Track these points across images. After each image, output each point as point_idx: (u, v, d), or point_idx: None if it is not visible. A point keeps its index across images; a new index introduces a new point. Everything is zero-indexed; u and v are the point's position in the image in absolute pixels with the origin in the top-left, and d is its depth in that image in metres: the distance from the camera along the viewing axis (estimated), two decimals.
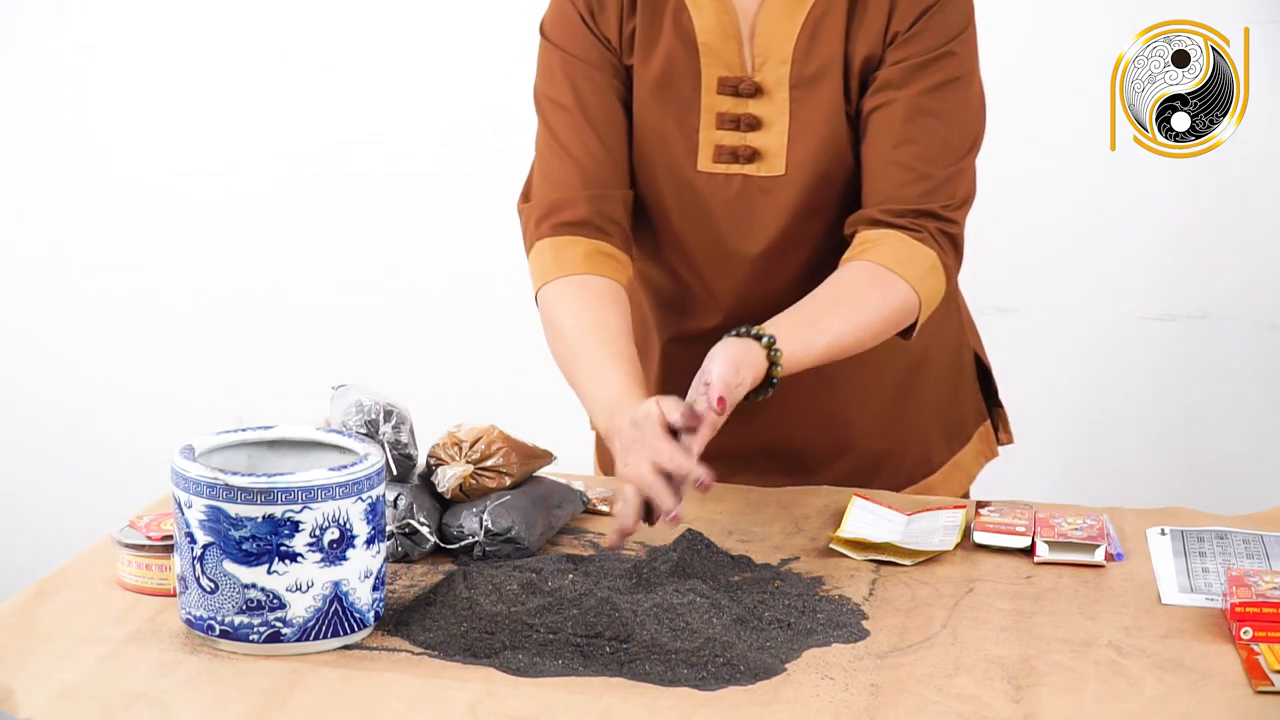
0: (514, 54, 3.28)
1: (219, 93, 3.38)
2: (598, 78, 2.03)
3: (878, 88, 1.98)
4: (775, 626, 1.68)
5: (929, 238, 1.96)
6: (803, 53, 1.99)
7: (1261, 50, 2.40)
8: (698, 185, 2.04)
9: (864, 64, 1.98)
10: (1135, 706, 1.55)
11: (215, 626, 1.62)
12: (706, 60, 2.01)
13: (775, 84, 2.00)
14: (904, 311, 1.95)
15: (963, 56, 1.99)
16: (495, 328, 3.35)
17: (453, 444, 1.88)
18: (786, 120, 2.00)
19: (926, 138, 1.97)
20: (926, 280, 1.95)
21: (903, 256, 1.94)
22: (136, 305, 3.47)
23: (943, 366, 2.19)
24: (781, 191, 2.01)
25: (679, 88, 2.02)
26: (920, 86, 1.97)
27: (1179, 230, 3.10)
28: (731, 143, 2.01)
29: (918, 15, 1.97)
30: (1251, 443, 3.12)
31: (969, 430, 2.23)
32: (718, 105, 2.01)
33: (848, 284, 1.94)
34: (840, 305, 1.92)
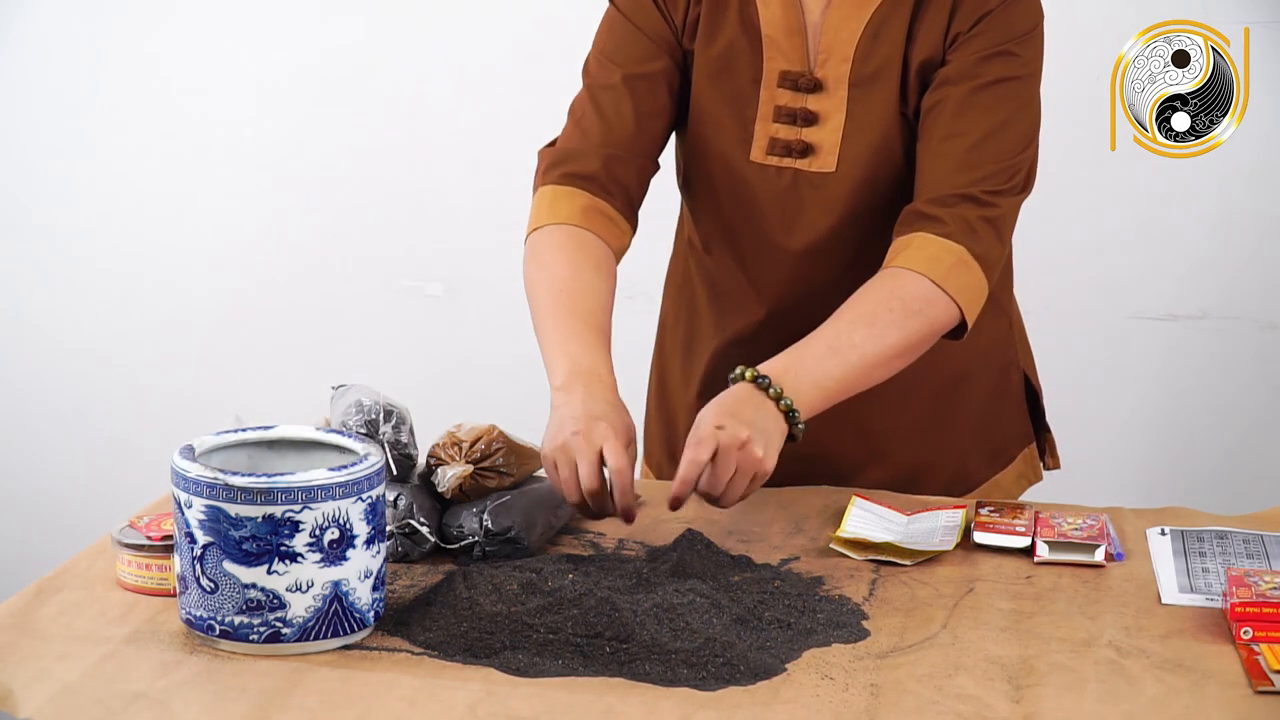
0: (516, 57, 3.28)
1: (219, 91, 3.38)
2: (652, 51, 2.04)
3: (936, 84, 1.98)
4: (775, 626, 1.68)
5: (958, 230, 1.91)
6: (864, 52, 1.99)
7: (1261, 50, 2.41)
8: (749, 176, 2.04)
9: (922, 65, 1.98)
10: (1135, 706, 1.55)
11: (215, 626, 1.62)
12: (769, 53, 2.01)
13: (835, 81, 2.00)
14: (931, 308, 1.89)
15: (1024, 59, 1.98)
16: (495, 327, 3.35)
17: (453, 444, 1.88)
18: (843, 117, 2.00)
19: (976, 131, 1.95)
20: (956, 275, 1.90)
21: (928, 255, 1.90)
22: (136, 305, 3.47)
23: (988, 383, 2.15)
24: (832, 188, 2.01)
25: (739, 78, 2.03)
26: (976, 82, 1.96)
27: (1179, 230, 3.09)
28: (786, 136, 2.02)
29: (979, 17, 1.97)
30: (1251, 443, 3.12)
31: (1012, 451, 2.19)
32: (777, 98, 2.02)
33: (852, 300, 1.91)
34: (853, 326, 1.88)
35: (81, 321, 3.50)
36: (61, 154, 3.44)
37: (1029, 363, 2.23)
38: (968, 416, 2.14)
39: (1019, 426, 2.20)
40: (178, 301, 3.46)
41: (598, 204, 2.00)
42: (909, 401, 2.11)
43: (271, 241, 3.41)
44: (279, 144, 3.37)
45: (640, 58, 2.04)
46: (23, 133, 3.45)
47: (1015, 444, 2.20)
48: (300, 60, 3.34)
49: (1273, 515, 2.00)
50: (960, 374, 2.12)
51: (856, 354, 1.86)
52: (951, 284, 1.90)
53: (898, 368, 1.91)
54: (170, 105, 3.39)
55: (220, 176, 3.40)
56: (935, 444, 2.13)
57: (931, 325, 1.91)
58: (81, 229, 3.46)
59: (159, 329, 3.47)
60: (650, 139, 2.05)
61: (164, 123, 3.40)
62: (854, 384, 1.88)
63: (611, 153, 2.02)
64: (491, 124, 3.27)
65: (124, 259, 3.45)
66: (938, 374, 2.10)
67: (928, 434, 2.13)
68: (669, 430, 2.23)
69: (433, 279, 3.38)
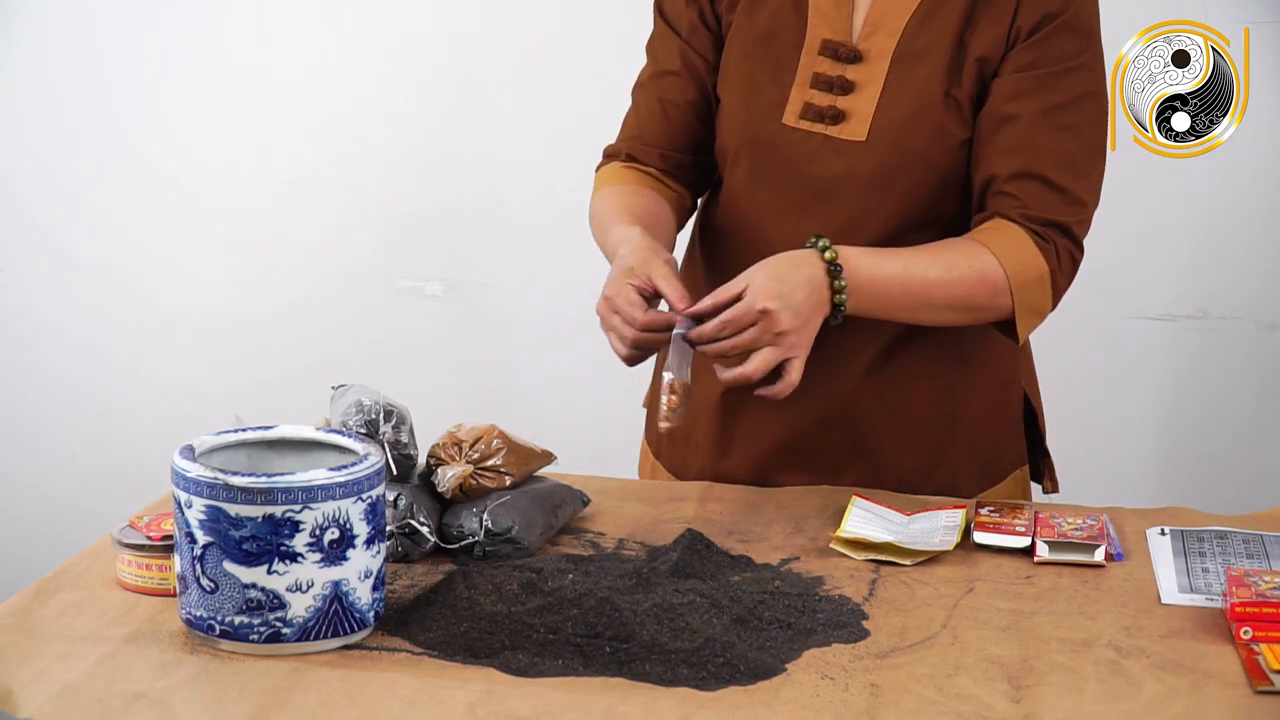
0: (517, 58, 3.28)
1: (220, 92, 3.38)
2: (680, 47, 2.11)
3: (1008, 94, 1.98)
4: (775, 626, 1.68)
5: (1054, 252, 1.97)
6: (915, 28, 2.01)
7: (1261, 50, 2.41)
8: (779, 139, 2.05)
9: (983, 55, 1.99)
10: (1135, 706, 1.55)
11: (215, 626, 1.62)
12: (815, 20, 2.04)
13: (878, 54, 2.02)
14: (991, 289, 1.95)
15: (1092, 71, 2.00)
16: (495, 328, 3.35)
17: (453, 444, 1.88)
18: (879, 88, 2.02)
19: (1059, 150, 1.97)
20: (1030, 290, 1.96)
21: (1016, 255, 1.95)
22: (136, 305, 3.47)
23: (987, 397, 2.15)
24: (860, 157, 2.02)
25: (781, 43, 2.05)
26: (1052, 100, 1.97)
27: (1179, 230, 3.09)
28: (820, 102, 2.03)
29: (1042, 19, 1.97)
30: (1251, 443, 3.12)
31: (1004, 470, 2.18)
32: (816, 65, 2.04)
33: (938, 242, 1.98)
34: (924, 250, 1.96)
35: (81, 321, 3.50)
36: (63, 153, 3.44)
37: (1031, 384, 2.23)
38: (963, 429, 2.14)
39: (1014, 446, 2.19)
40: (178, 301, 3.46)
41: (627, 165, 2.14)
42: (907, 405, 2.11)
43: (272, 242, 3.41)
44: (279, 144, 3.37)
45: (669, 53, 2.13)
46: (25, 132, 3.45)
47: (1008, 463, 2.18)
48: (301, 60, 3.34)
49: (1273, 515, 2.00)
50: (961, 389, 2.12)
51: (921, 281, 1.93)
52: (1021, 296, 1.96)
53: (941, 320, 1.98)
54: (171, 106, 3.39)
55: (220, 176, 3.40)
56: (928, 451, 2.12)
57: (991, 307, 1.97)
58: (82, 228, 3.46)
59: (159, 329, 3.47)
60: (683, 132, 2.13)
61: (165, 123, 3.40)
62: (903, 301, 1.94)
63: (637, 145, 2.13)
64: (492, 124, 3.28)
65: (124, 259, 3.45)
66: (938, 381, 2.10)
67: (922, 440, 2.12)
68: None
69: (433, 279, 3.38)
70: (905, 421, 2.11)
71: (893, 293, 1.93)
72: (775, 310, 1.84)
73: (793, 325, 1.85)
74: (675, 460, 2.21)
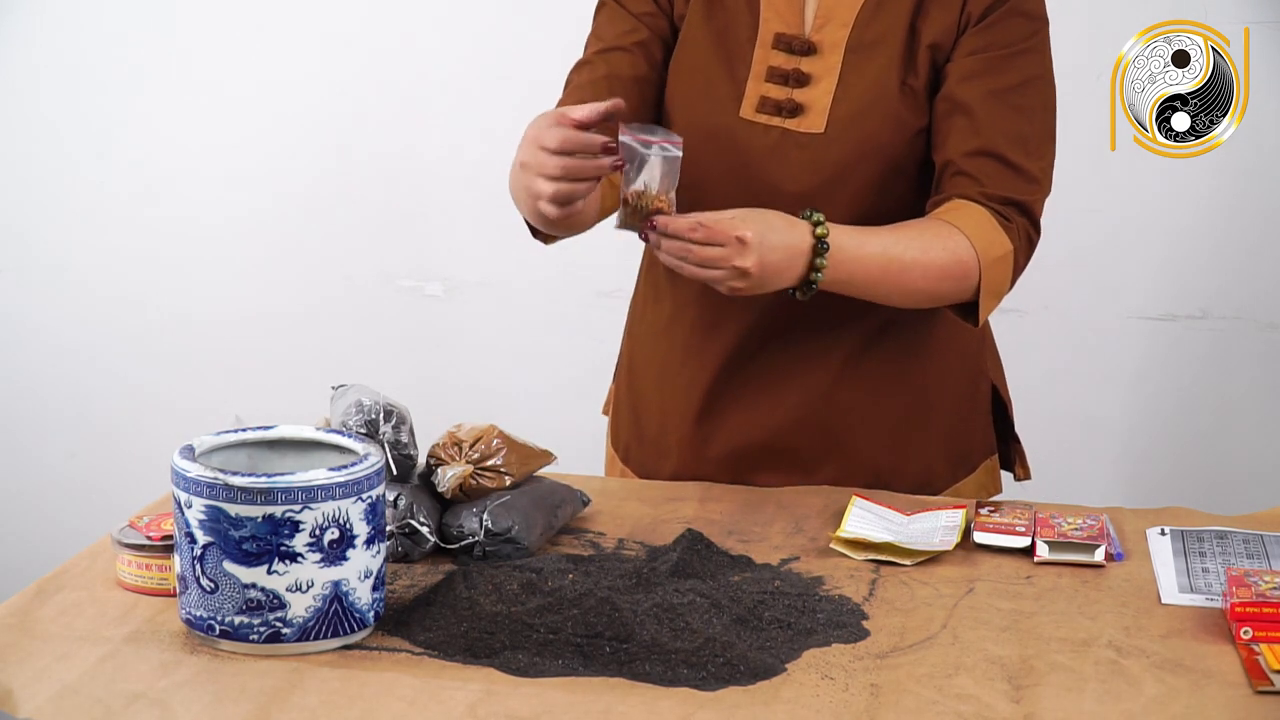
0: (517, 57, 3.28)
1: (219, 93, 3.38)
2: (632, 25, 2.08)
3: (960, 77, 2.00)
4: (775, 626, 1.68)
5: (1015, 231, 1.98)
6: (867, 18, 2.02)
7: (1261, 50, 2.41)
8: (737, 133, 2.05)
9: (934, 43, 2.00)
10: (1135, 706, 1.55)
11: (215, 626, 1.62)
12: (767, 14, 2.04)
13: (831, 45, 2.02)
14: (963, 271, 1.95)
15: (1041, 54, 2.03)
16: (495, 328, 3.35)
17: (453, 444, 1.88)
18: (835, 80, 2.02)
19: (1013, 131, 1.99)
20: (995, 269, 1.97)
21: (983, 235, 1.95)
22: (137, 305, 3.47)
23: (957, 391, 2.16)
24: (818, 149, 2.02)
25: (734, 38, 2.05)
26: (1004, 81, 1.99)
27: (1179, 230, 3.09)
28: (776, 95, 2.03)
29: (993, 3, 1.99)
30: (1251, 443, 3.12)
31: (974, 460, 2.19)
32: (770, 59, 2.04)
33: (913, 222, 1.98)
34: (901, 229, 1.96)
35: (82, 321, 3.50)
36: (63, 156, 3.44)
37: (998, 375, 2.24)
38: (936, 423, 2.15)
39: (984, 437, 2.21)
40: (178, 301, 3.46)
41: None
42: (879, 403, 2.11)
43: (271, 242, 3.41)
44: (279, 144, 3.37)
45: (620, 32, 2.09)
46: (25, 135, 3.45)
47: (979, 453, 2.20)
48: (301, 61, 3.34)
49: (1273, 515, 2.00)
50: (932, 380, 2.13)
51: (898, 262, 1.93)
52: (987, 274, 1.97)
53: (910, 302, 1.98)
54: (171, 107, 3.39)
55: (220, 177, 3.40)
56: (902, 447, 2.13)
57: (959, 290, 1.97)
58: (82, 228, 3.46)
59: (159, 329, 3.47)
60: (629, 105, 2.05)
61: (165, 123, 3.40)
62: (880, 280, 1.94)
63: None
64: (492, 124, 3.27)
65: (124, 259, 3.45)
66: (909, 378, 2.11)
67: (895, 437, 2.13)
68: (636, 415, 2.22)
69: (433, 279, 3.38)
70: (879, 418, 2.12)
71: (870, 273, 1.93)
72: (750, 245, 1.84)
73: (755, 270, 1.85)
74: (646, 465, 2.21)
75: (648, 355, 2.20)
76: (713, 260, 1.84)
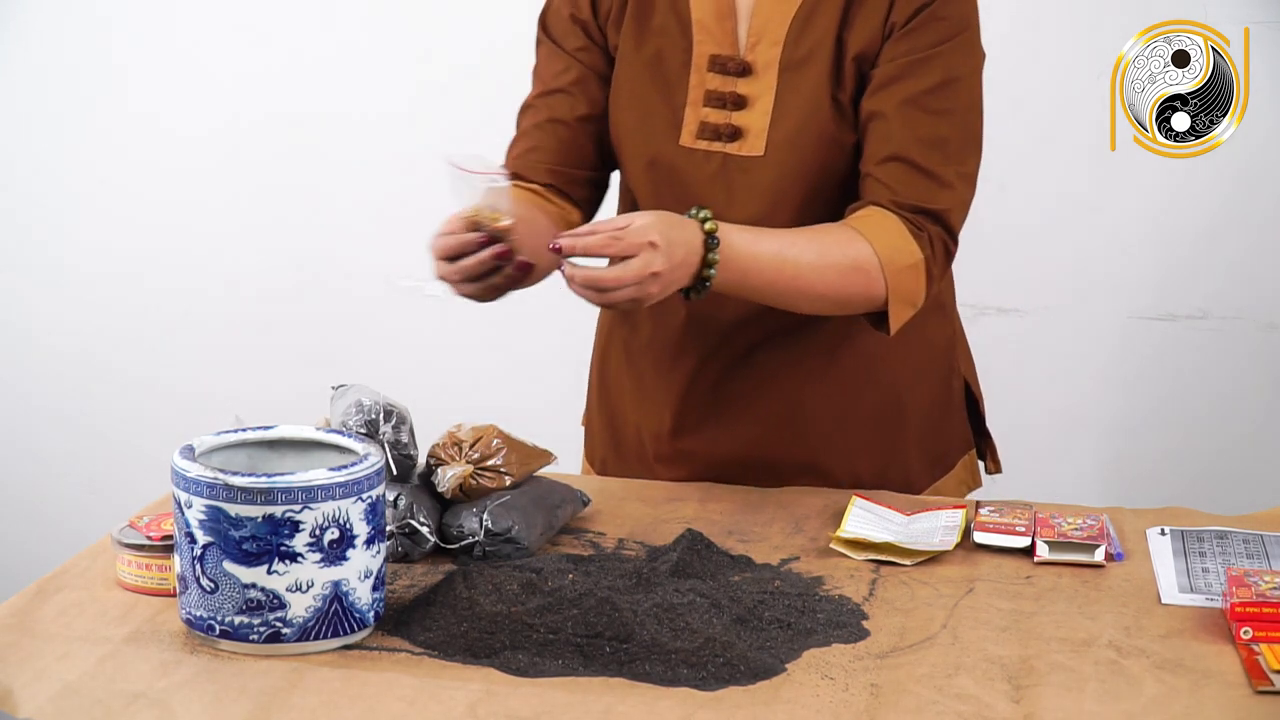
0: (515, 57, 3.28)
1: (218, 91, 3.38)
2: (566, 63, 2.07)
3: (876, 85, 1.98)
4: (775, 626, 1.68)
5: (927, 241, 1.95)
6: (796, 35, 1.99)
7: (1261, 50, 2.41)
8: (678, 162, 2.04)
9: (860, 53, 1.98)
10: (1135, 706, 1.55)
11: (215, 626, 1.62)
12: (700, 38, 2.02)
13: (765, 65, 2.00)
14: (864, 278, 1.92)
15: (963, 56, 1.99)
16: (495, 328, 3.35)
17: (453, 444, 1.88)
18: (771, 101, 2.00)
19: (928, 135, 1.96)
20: (904, 277, 1.93)
21: (889, 242, 1.93)
22: (137, 305, 3.47)
23: (931, 391, 2.16)
24: (760, 172, 2.01)
25: (670, 63, 2.03)
26: (921, 85, 1.96)
27: (1179, 230, 3.09)
28: (715, 120, 2.02)
29: (916, 10, 1.96)
30: (1251, 443, 3.12)
31: (953, 459, 2.20)
32: (707, 83, 2.02)
33: (815, 226, 1.95)
34: (800, 233, 1.93)
35: (82, 321, 3.50)
36: (63, 154, 3.44)
37: (969, 369, 2.23)
38: (911, 425, 2.14)
39: (960, 434, 2.20)
40: (178, 301, 3.46)
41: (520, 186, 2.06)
42: (853, 410, 2.11)
43: (271, 241, 3.41)
44: (279, 144, 3.37)
45: (556, 72, 2.09)
46: (24, 133, 3.45)
47: (956, 451, 2.20)
48: (300, 59, 3.34)
49: (1273, 515, 2.00)
50: (904, 383, 2.12)
51: (793, 265, 1.90)
52: (895, 284, 1.93)
53: (813, 307, 1.96)
54: (170, 105, 3.39)
55: (220, 176, 3.40)
56: (879, 453, 2.13)
57: (864, 296, 1.94)
58: (81, 229, 3.46)
59: (159, 329, 3.47)
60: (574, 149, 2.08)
61: (164, 123, 3.40)
62: (774, 282, 1.91)
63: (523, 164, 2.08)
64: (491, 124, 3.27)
65: (124, 259, 3.46)
66: (881, 384, 2.10)
67: (871, 443, 2.13)
68: (613, 428, 2.22)
69: (433, 279, 3.38)
70: (854, 427, 2.11)
71: (765, 274, 1.90)
72: (661, 248, 1.80)
73: (665, 272, 1.81)
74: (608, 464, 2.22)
75: (620, 372, 2.19)
76: (633, 274, 1.79)
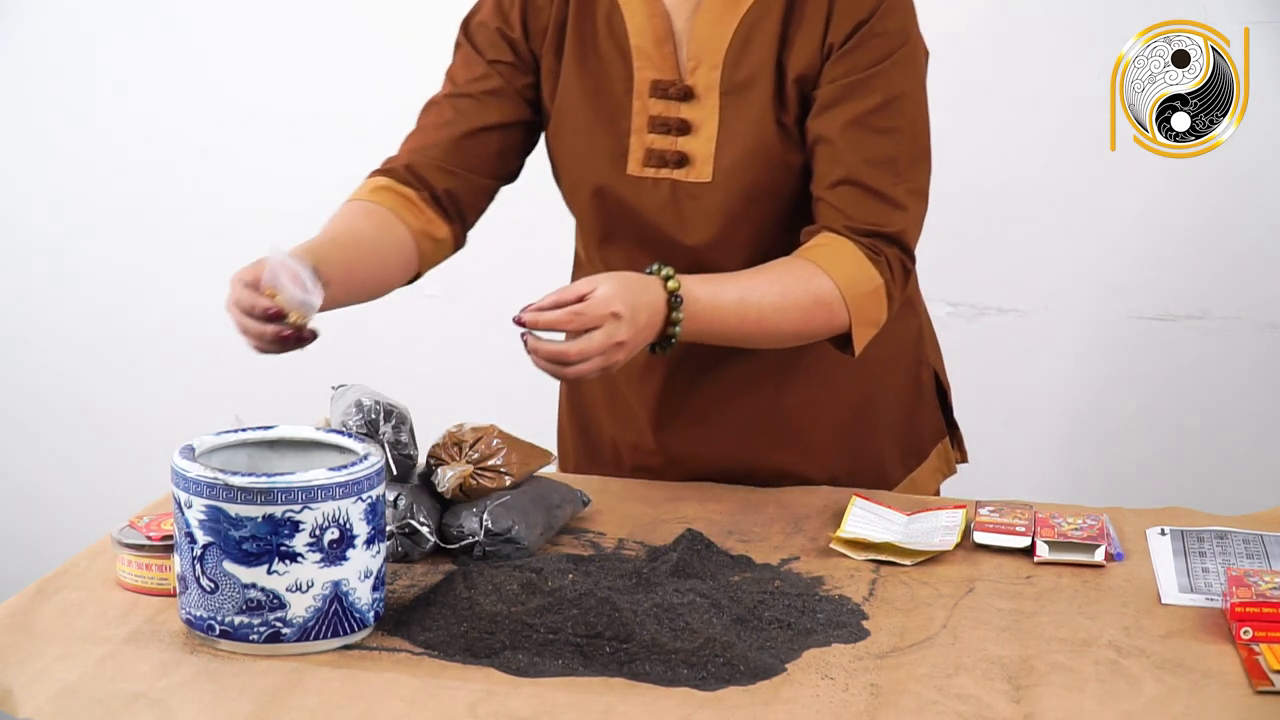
0: None
1: (217, 92, 3.38)
2: (486, 72, 2.05)
3: (820, 107, 1.96)
4: (775, 626, 1.68)
5: (885, 264, 1.94)
6: (734, 58, 1.98)
7: (1261, 50, 2.40)
8: (627, 191, 2.02)
9: (800, 75, 1.96)
10: (1135, 706, 1.55)
11: (215, 626, 1.62)
12: (639, 63, 2.00)
13: (706, 89, 1.99)
14: (827, 312, 1.92)
15: (904, 70, 1.97)
16: (495, 328, 3.34)
17: (453, 444, 1.88)
18: (716, 126, 1.99)
19: (876, 156, 1.94)
20: (865, 303, 1.93)
21: (848, 273, 1.92)
22: (136, 305, 3.46)
23: (901, 384, 2.16)
24: (710, 198, 2.00)
25: (612, 90, 2.02)
26: (864, 105, 1.94)
27: (1179, 230, 3.09)
28: (662, 147, 2.00)
29: (853, 28, 1.94)
30: (1251, 443, 3.12)
31: (926, 448, 2.20)
32: (650, 108, 2.00)
33: (775, 264, 1.94)
34: (761, 274, 1.92)
35: (82, 321, 3.49)
36: (63, 154, 3.44)
37: (938, 359, 2.24)
38: (883, 419, 2.15)
39: (932, 423, 2.21)
40: (178, 301, 3.46)
41: (391, 184, 2.04)
42: (825, 408, 2.11)
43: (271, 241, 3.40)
44: (279, 144, 3.36)
45: (473, 77, 2.06)
46: (24, 131, 3.45)
47: (929, 441, 2.21)
48: (298, 61, 3.34)
49: (1273, 515, 2.00)
50: (874, 378, 2.13)
51: (756, 309, 1.89)
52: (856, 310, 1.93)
53: (779, 344, 1.96)
54: (169, 106, 3.39)
55: (220, 176, 3.40)
56: (853, 449, 2.14)
57: (828, 328, 1.94)
58: (81, 228, 3.46)
59: (159, 329, 3.47)
60: (471, 154, 2.06)
61: (165, 122, 3.40)
62: (739, 328, 1.91)
63: (416, 157, 2.06)
64: None
65: (124, 259, 3.45)
66: (852, 380, 2.10)
67: (845, 439, 2.13)
68: (585, 435, 2.22)
69: (432, 279, 3.37)
70: (828, 426, 2.12)
71: (729, 321, 1.89)
72: (624, 317, 1.79)
73: (630, 339, 1.80)
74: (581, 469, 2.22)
75: (592, 383, 2.18)
76: (597, 347, 1.78)
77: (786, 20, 1.96)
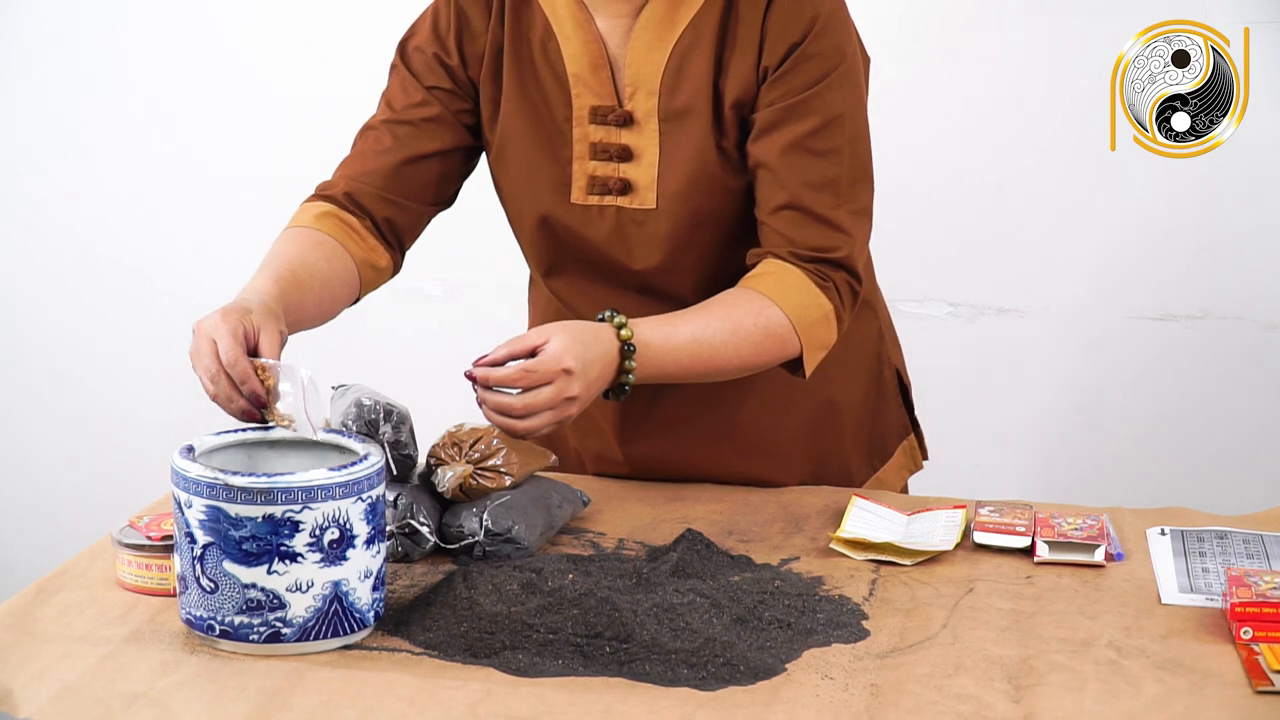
0: None
1: (218, 92, 3.38)
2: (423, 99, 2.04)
3: (759, 132, 1.95)
4: (775, 626, 1.68)
5: (834, 289, 1.94)
6: (670, 85, 1.97)
7: (1261, 50, 2.40)
8: (572, 220, 2.02)
9: (737, 100, 1.95)
10: (1135, 706, 1.55)
11: (215, 626, 1.62)
12: (577, 89, 1.99)
13: (645, 115, 1.98)
14: (779, 344, 1.92)
15: (841, 90, 1.95)
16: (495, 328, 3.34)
17: (453, 444, 1.88)
18: (657, 152, 1.98)
19: (816, 179, 1.94)
20: (816, 330, 1.93)
21: (797, 301, 1.92)
22: (136, 305, 3.47)
23: (862, 390, 2.17)
24: (655, 225, 2.00)
25: (553, 118, 2.01)
26: (802, 128, 1.93)
27: (1179, 230, 3.09)
28: (604, 173, 2.00)
29: (787, 51, 1.93)
30: (1251, 443, 3.12)
31: (891, 446, 2.21)
32: (591, 135, 2.00)
33: (724, 297, 1.93)
34: (712, 310, 1.91)
35: (81, 321, 3.50)
36: (62, 154, 3.44)
37: (898, 357, 2.24)
38: (848, 421, 2.15)
39: (896, 422, 2.21)
40: (178, 301, 3.45)
41: (334, 210, 2.04)
42: (789, 414, 2.11)
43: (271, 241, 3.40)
44: (278, 144, 3.37)
45: (410, 104, 2.05)
46: (24, 131, 3.45)
47: (894, 439, 2.21)
48: (299, 60, 3.34)
49: (1273, 515, 2.00)
50: (837, 383, 2.13)
51: (709, 347, 1.89)
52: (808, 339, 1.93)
53: (731, 376, 1.95)
54: (169, 106, 3.39)
55: (220, 176, 3.40)
56: (819, 452, 2.14)
57: (780, 358, 1.94)
58: (81, 229, 3.46)
59: (159, 329, 3.46)
60: (410, 182, 2.05)
61: (165, 121, 3.40)
62: (691, 368, 1.91)
63: (356, 184, 2.05)
64: None
65: (124, 259, 3.45)
66: (814, 385, 2.08)
67: (810, 443, 2.13)
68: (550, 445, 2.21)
69: (433, 279, 3.38)
70: (792, 431, 2.12)
71: (682, 362, 1.89)
72: (576, 373, 1.79)
73: (582, 394, 1.81)
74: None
75: None
76: (546, 401, 1.79)
77: (720, 45, 1.95)
